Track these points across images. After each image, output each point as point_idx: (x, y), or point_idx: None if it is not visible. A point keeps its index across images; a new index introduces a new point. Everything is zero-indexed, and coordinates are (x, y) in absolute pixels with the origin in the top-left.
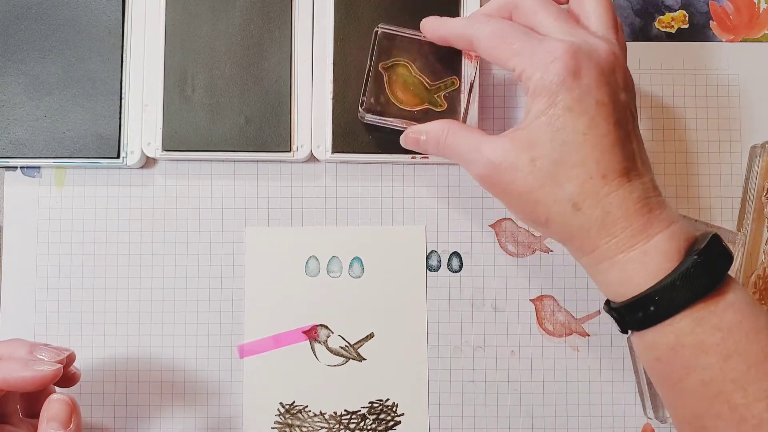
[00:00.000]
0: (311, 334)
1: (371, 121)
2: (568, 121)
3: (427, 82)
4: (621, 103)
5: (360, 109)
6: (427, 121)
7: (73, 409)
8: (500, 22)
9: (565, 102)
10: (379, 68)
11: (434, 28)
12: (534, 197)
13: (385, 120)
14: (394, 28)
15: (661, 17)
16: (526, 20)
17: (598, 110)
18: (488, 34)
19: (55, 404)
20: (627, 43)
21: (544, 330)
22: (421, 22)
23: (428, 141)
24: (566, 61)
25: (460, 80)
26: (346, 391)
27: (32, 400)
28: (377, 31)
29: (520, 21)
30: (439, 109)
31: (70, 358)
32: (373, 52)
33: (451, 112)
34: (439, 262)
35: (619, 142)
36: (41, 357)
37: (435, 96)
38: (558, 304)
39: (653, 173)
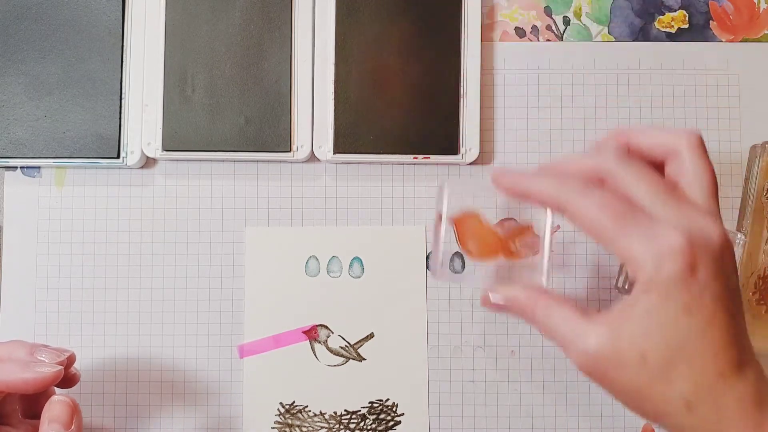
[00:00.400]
0: (311, 334)
1: (444, 279)
2: (684, 319)
3: (500, 231)
4: (733, 289)
5: (429, 267)
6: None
7: (75, 410)
8: (603, 195)
9: (682, 300)
10: (448, 221)
11: (513, 183)
12: (643, 395)
13: (459, 277)
14: (461, 186)
15: (661, 17)
16: (625, 191)
17: (716, 305)
18: (589, 206)
19: (56, 405)
20: (627, 43)
21: None
22: (493, 175)
23: (511, 308)
24: (684, 256)
25: (533, 227)
26: (346, 391)
27: (32, 401)
28: (444, 187)
29: (617, 190)
30: (514, 260)
31: (71, 359)
32: (441, 206)
33: (529, 265)
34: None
35: (736, 335)
36: (41, 358)
37: (509, 246)
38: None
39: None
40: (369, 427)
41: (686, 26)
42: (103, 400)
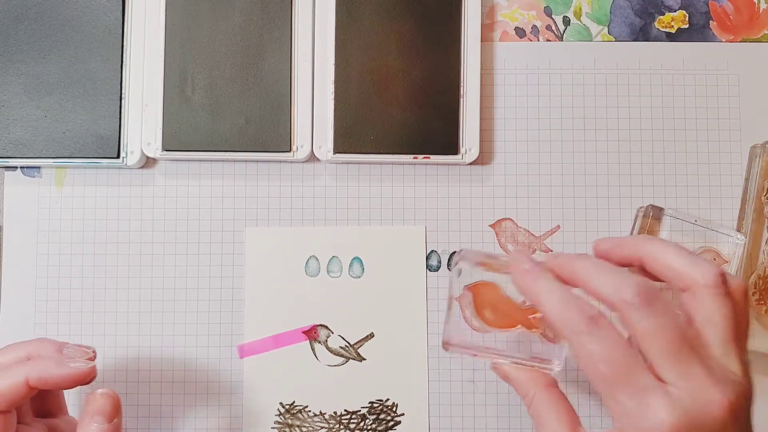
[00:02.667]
0: (311, 334)
1: (456, 351)
2: None
3: (517, 301)
4: None
5: (442, 338)
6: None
7: (117, 404)
8: (608, 339)
9: None
10: (464, 289)
11: (528, 290)
12: None
13: (471, 350)
14: (479, 256)
15: (661, 17)
16: (638, 340)
17: None
18: (592, 352)
19: (100, 398)
20: (627, 43)
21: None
22: (513, 274)
23: (512, 385)
24: None
25: None
26: (346, 391)
27: (42, 399)
28: (456, 259)
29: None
30: (532, 332)
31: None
32: (454, 280)
33: (546, 339)
34: (439, 262)
35: None
36: (71, 354)
37: (528, 317)
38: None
39: None
40: (369, 427)
41: (686, 26)
42: None
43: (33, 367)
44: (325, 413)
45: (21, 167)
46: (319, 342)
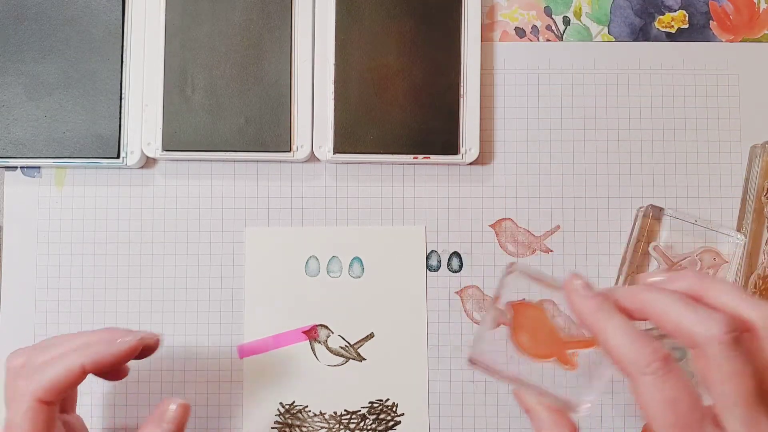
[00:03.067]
0: (311, 334)
1: (480, 370)
2: None
3: (562, 333)
4: None
5: (470, 352)
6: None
7: (187, 413)
8: (677, 386)
9: None
10: (507, 305)
11: (587, 318)
12: None
13: (498, 375)
14: (527, 270)
15: (661, 17)
16: (710, 385)
17: None
18: (657, 398)
19: (169, 405)
20: (627, 43)
21: None
22: (569, 297)
23: (530, 417)
24: None
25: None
26: (346, 391)
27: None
28: (509, 270)
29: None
30: (566, 369)
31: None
32: (502, 293)
33: (579, 379)
34: (439, 262)
35: None
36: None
37: (566, 352)
38: (558, 308)
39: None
40: (369, 427)
41: (686, 26)
42: (102, 399)
43: (86, 353)
44: (325, 413)
45: (21, 167)
46: (319, 342)
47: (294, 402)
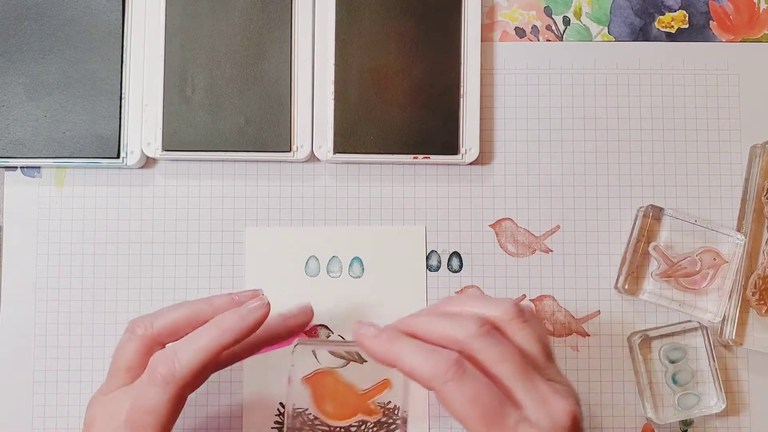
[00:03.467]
0: (311, 334)
1: None
2: None
3: (358, 388)
4: None
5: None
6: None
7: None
8: (474, 385)
9: None
10: (302, 382)
11: (384, 352)
12: None
13: None
14: (312, 342)
15: (661, 17)
16: (489, 369)
17: None
18: (462, 400)
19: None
20: (627, 43)
21: None
22: (359, 337)
23: None
24: None
25: (391, 381)
26: None
27: None
28: (294, 347)
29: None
30: (373, 418)
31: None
32: (291, 371)
33: (386, 422)
34: (439, 262)
35: None
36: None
37: (368, 404)
38: (558, 304)
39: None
40: (369, 429)
41: (686, 26)
42: None
43: (223, 333)
44: None
45: (21, 167)
46: None
47: (294, 403)
